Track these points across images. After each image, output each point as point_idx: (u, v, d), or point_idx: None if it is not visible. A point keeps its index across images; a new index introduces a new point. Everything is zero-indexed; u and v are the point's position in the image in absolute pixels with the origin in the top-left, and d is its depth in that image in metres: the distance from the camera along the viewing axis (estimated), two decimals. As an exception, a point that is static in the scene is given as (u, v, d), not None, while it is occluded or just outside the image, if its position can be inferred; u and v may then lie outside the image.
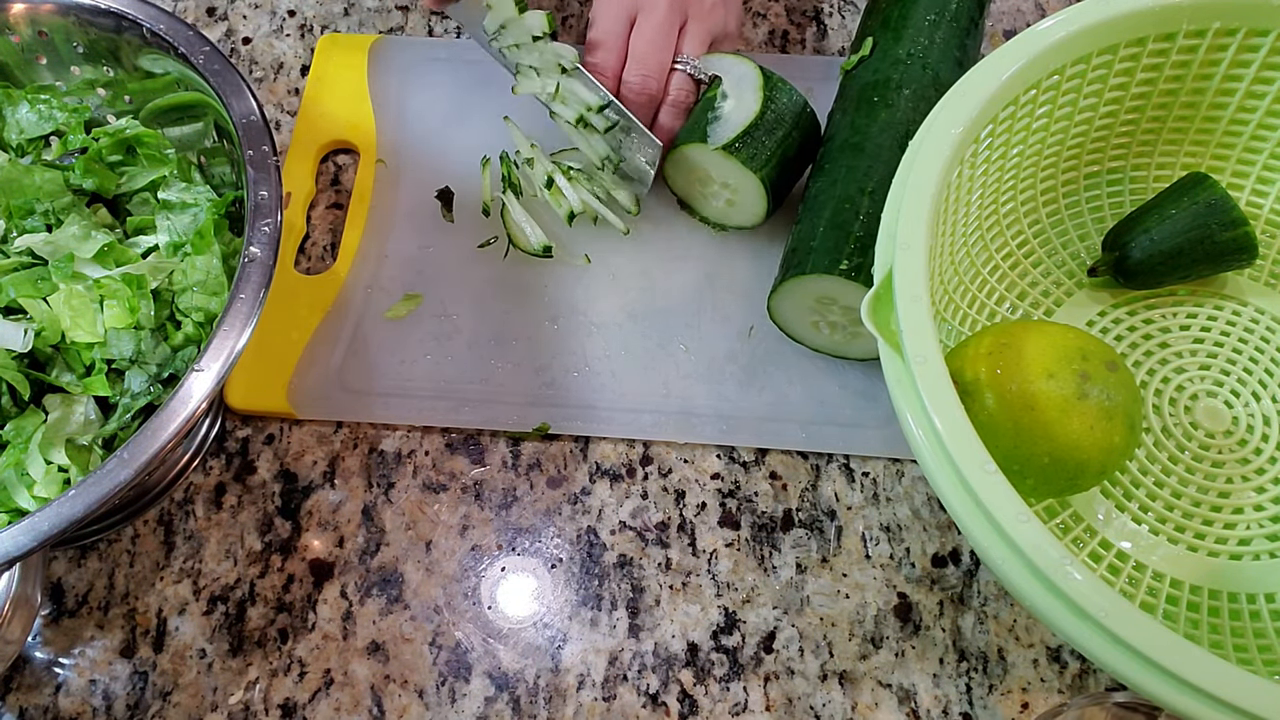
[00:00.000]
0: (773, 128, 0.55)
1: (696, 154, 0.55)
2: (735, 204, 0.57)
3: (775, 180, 0.55)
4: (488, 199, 0.61)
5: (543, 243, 0.58)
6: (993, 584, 0.51)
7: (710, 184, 0.57)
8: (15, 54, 0.55)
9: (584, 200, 0.59)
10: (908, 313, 0.40)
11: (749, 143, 0.54)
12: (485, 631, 0.51)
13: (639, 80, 0.56)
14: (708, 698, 0.49)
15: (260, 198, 0.47)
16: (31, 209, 0.51)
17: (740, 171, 0.54)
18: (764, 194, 0.55)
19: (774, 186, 0.55)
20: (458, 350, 0.57)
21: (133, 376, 0.48)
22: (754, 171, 0.54)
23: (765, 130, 0.54)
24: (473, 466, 0.55)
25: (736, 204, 0.57)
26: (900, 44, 0.57)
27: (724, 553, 0.52)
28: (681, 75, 0.57)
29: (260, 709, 0.49)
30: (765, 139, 0.54)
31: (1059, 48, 0.47)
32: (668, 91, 0.57)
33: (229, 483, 0.54)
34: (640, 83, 0.56)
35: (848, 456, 0.55)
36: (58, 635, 0.51)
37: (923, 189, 0.43)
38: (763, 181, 0.54)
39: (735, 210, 0.57)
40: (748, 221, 0.58)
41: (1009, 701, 0.49)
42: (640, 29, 0.56)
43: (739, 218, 0.58)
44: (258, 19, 0.69)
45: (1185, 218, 0.53)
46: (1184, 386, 0.54)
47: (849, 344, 0.54)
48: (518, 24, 0.57)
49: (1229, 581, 0.49)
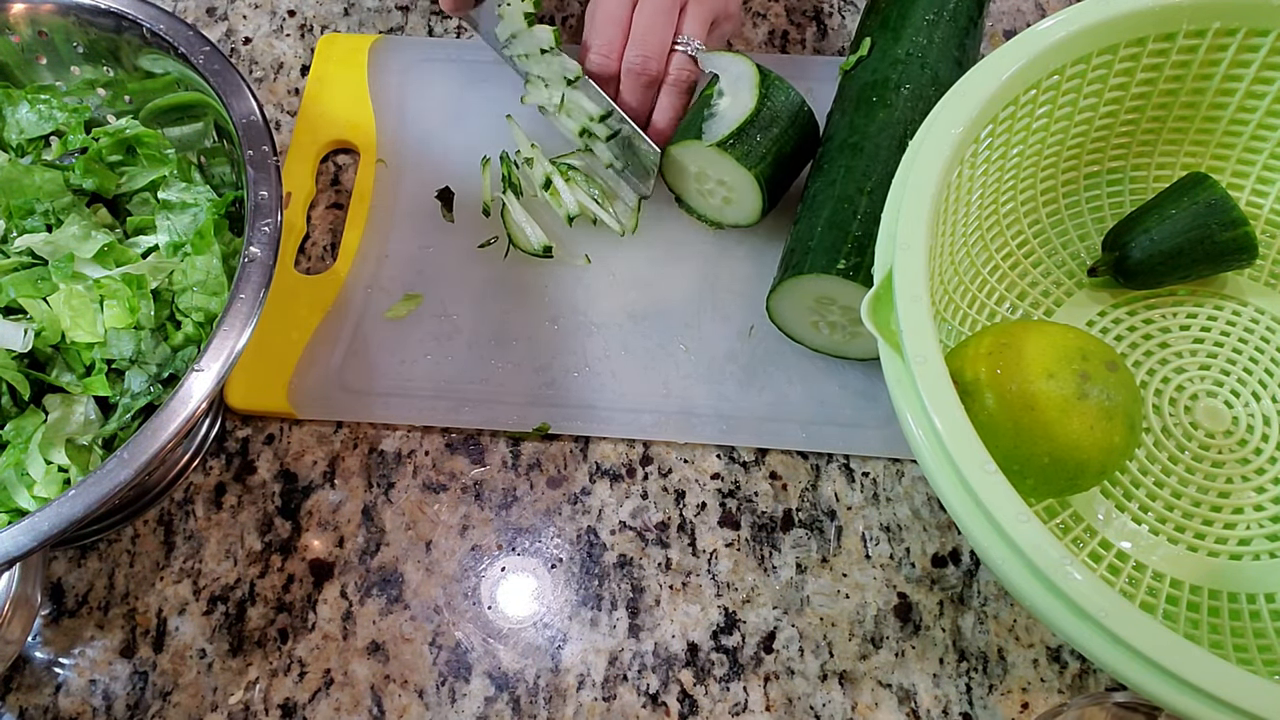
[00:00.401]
0: (768, 125, 0.55)
1: (692, 151, 0.55)
2: (732, 201, 0.57)
3: (770, 178, 0.55)
4: (488, 199, 0.61)
5: (543, 243, 0.58)
6: (993, 584, 0.51)
7: (706, 181, 0.57)
8: (15, 54, 0.55)
9: (580, 202, 0.59)
10: (908, 313, 0.40)
11: (744, 140, 0.54)
12: (485, 631, 0.51)
13: (639, 61, 0.56)
14: (708, 698, 0.49)
15: (260, 198, 0.47)
16: (31, 209, 0.51)
17: (735, 168, 0.54)
18: (759, 191, 0.55)
19: (769, 184, 0.55)
20: (458, 350, 0.57)
21: (133, 376, 0.48)
22: (749, 168, 0.54)
23: (760, 128, 0.54)
24: (473, 466, 0.55)
25: (733, 201, 0.57)
26: (899, 44, 0.57)
27: (724, 553, 0.52)
28: (682, 56, 0.57)
29: (260, 709, 0.49)
30: (760, 136, 0.54)
31: (1059, 48, 0.47)
32: (668, 72, 0.57)
33: (229, 483, 0.54)
34: (641, 63, 0.56)
35: (848, 456, 0.55)
36: (58, 635, 0.51)
37: (923, 189, 0.43)
38: (757, 179, 0.54)
39: (732, 208, 0.58)
40: (744, 219, 0.58)
41: (1009, 701, 0.49)
42: (641, 9, 0.56)
43: (735, 215, 0.58)
44: (258, 19, 0.69)
45: (1185, 218, 0.53)
46: (1184, 386, 0.54)
47: (849, 344, 0.54)
48: (527, 36, 0.59)
49: (1229, 581, 0.49)
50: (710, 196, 0.58)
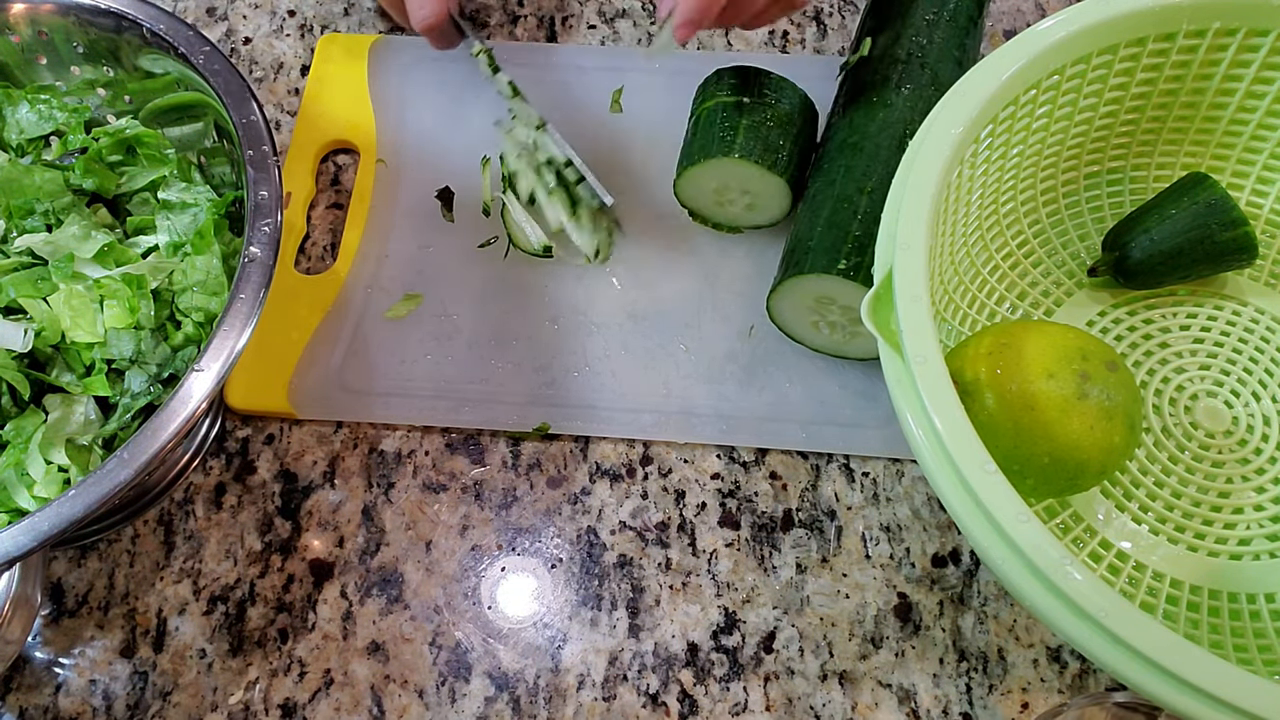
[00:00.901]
0: (787, 126, 0.55)
1: (714, 167, 0.55)
2: (756, 207, 0.57)
3: (795, 178, 0.56)
4: (488, 199, 0.61)
5: (543, 242, 0.58)
6: (993, 584, 0.51)
7: (728, 193, 0.57)
8: (15, 54, 0.54)
9: (559, 221, 0.58)
10: (908, 313, 0.40)
11: (770, 148, 0.54)
12: (485, 631, 0.51)
13: None
14: (708, 698, 0.49)
15: (260, 198, 0.47)
16: (31, 209, 0.51)
17: (765, 176, 0.55)
18: (789, 193, 0.56)
19: (795, 184, 0.56)
20: (458, 350, 0.57)
21: (133, 376, 0.48)
22: (780, 175, 0.54)
23: (782, 132, 0.55)
24: (473, 466, 0.55)
25: (758, 207, 0.57)
26: (899, 44, 0.57)
27: (724, 553, 0.52)
28: None
29: (260, 709, 0.49)
30: (783, 140, 0.55)
31: (1059, 48, 0.47)
32: None
33: (229, 483, 0.54)
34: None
35: (848, 456, 0.55)
36: (58, 635, 0.51)
37: (923, 189, 0.43)
38: (789, 183, 0.55)
39: (756, 213, 0.58)
40: (770, 220, 0.58)
41: (1009, 701, 0.49)
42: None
43: (761, 218, 0.58)
44: (258, 19, 0.69)
45: (1185, 218, 0.53)
46: (1184, 386, 0.54)
47: (849, 344, 0.54)
48: (491, 82, 0.61)
49: (1229, 581, 0.49)
50: (731, 206, 0.58)
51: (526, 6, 0.70)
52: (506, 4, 0.70)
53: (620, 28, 0.69)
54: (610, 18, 0.69)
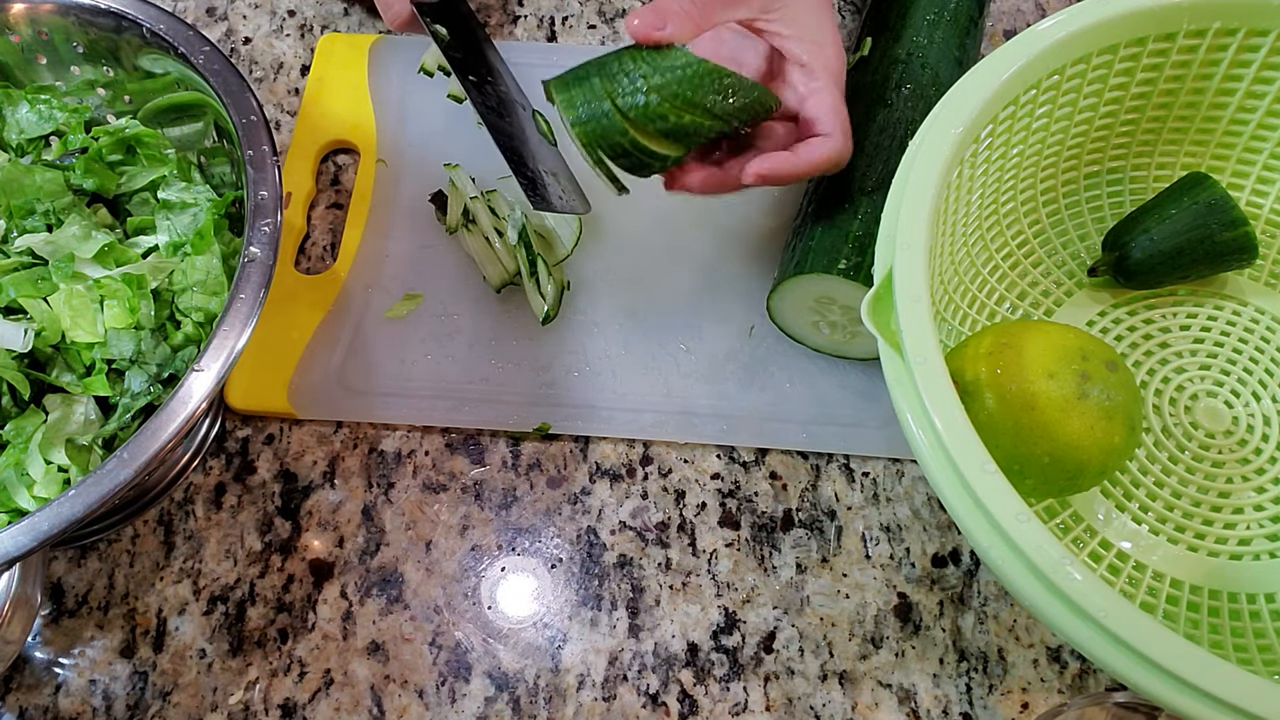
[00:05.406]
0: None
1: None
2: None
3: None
4: (453, 223, 0.59)
5: (503, 279, 0.57)
6: (993, 584, 0.51)
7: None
8: (15, 54, 0.54)
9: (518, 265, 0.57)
10: (908, 313, 0.40)
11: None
12: (485, 631, 0.51)
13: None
14: (708, 698, 0.49)
15: (260, 198, 0.47)
16: (32, 209, 0.51)
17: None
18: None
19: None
20: (458, 350, 0.57)
21: (133, 376, 0.48)
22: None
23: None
24: (473, 466, 0.55)
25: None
26: (900, 44, 0.57)
27: (724, 553, 0.52)
28: None
29: (260, 709, 0.49)
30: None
31: (1059, 48, 0.47)
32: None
33: (229, 483, 0.54)
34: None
35: (848, 456, 0.55)
36: (58, 635, 0.51)
37: (923, 189, 0.43)
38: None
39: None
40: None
41: (1009, 701, 0.49)
42: None
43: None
44: (258, 19, 0.69)
45: (1185, 218, 0.53)
46: (1184, 386, 0.54)
47: (849, 344, 0.54)
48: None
49: (1229, 581, 0.49)
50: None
51: (526, 6, 0.70)
52: (506, 4, 0.70)
53: (620, 28, 0.69)
54: (610, 18, 0.69)
